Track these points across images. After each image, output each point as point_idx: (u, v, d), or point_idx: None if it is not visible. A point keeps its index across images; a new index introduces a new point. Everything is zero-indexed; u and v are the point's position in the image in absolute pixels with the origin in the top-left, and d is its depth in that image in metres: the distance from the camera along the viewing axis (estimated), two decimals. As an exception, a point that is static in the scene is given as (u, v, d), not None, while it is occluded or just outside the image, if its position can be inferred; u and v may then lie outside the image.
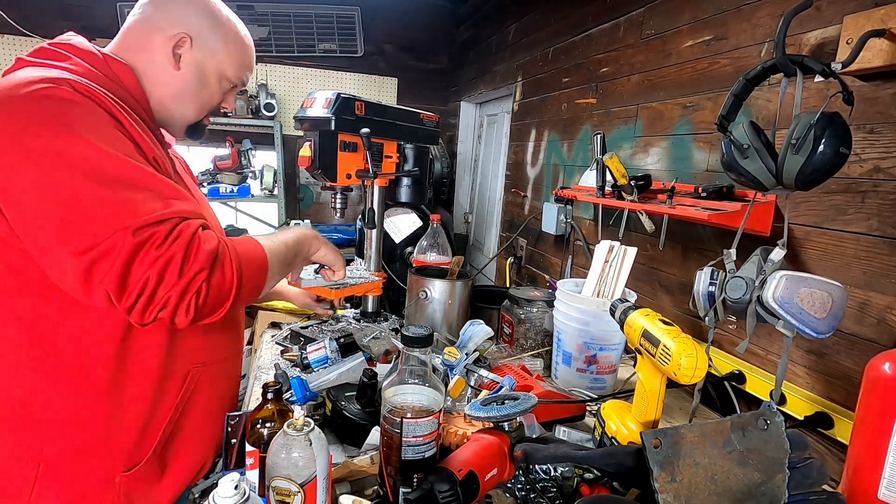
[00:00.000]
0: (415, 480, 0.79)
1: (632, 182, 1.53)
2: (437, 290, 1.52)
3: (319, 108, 1.28)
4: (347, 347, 1.32)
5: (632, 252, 1.36)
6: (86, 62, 0.85)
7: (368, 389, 1.03)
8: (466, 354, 1.21)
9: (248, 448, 0.85)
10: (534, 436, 0.99)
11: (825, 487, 0.84)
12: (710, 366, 1.02)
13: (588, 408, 1.19)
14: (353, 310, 1.64)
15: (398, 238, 2.85)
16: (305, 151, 1.29)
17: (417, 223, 2.88)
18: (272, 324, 1.67)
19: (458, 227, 3.88)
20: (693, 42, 1.53)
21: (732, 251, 1.06)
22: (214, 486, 0.66)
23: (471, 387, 1.18)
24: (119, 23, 3.33)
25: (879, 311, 1.00)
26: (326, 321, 1.52)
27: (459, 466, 0.76)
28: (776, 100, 1.21)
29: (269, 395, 0.87)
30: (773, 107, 1.24)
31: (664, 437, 0.77)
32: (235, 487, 0.65)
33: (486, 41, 3.41)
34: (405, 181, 1.53)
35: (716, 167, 1.42)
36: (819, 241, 1.13)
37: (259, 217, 4.02)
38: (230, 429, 0.90)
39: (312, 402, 1.12)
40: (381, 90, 4.07)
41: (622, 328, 0.97)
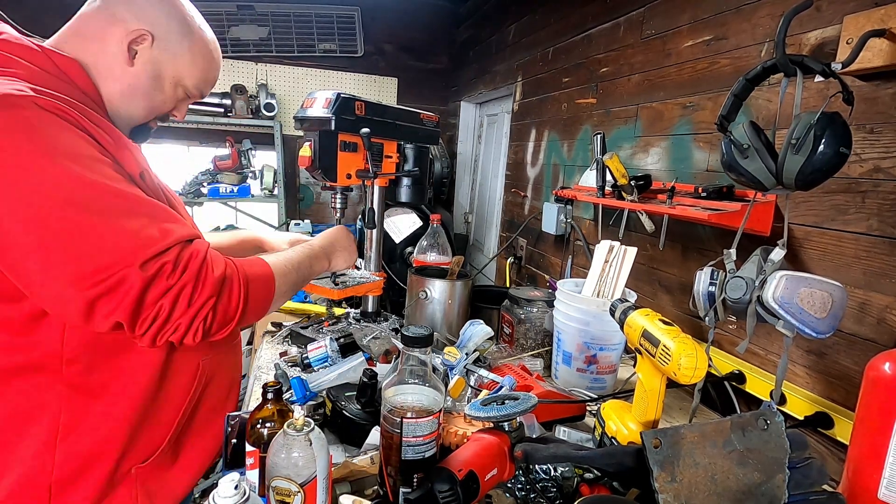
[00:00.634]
0: (415, 480, 0.79)
1: (632, 182, 1.53)
2: (437, 290, 1.52)
3: (319, 108, 1.28)
4: (347, 347, 1.32)
5: (632, 252, 1.36)
6: (29, 62, 0.79)
7: (368, 389, 1.03)
8: (466, 354, 1.21)
9: (248, 448, 0.85)
10: (534, 436, 0.99)
11: (825, 487, 0.84)
12: (710, 366, 1.02)
13: (588, 408, 1.19)
14: (353, 310, 1.64)
15: (398, 238, 2.85)
16: (305, 151, 1.29)
17: (417, 223, 2.88)
18: (272, 324, 1.67)
19: (458, 227, 3.88)
20: (693, 42, 1.53)
21: (732, 251, 1.06)
22: (214, 486, 0.66)
23: (471, 387, 1.18)
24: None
25: (879, 311, 1.00)
26: (326, 320, 1.52)
27: (459, 466, 0.76)
28: (776, 100, 1.21)
29: (269, 395, 0.87)
30: (773, 107, 1.24)
31: (664, 437, 0.77)
32: (235, 487, 0.65)
33: (486, 41, 3.41)
34: (405, 181, 1.53)
35: (716, 167, 1.42)
36: (819, 241, 1.13)
37: (259, 217, 4.02)
38: (230, 429, 0.91)
39: (312, 402, 1.12)
40: (381, 90, 4.07)
41: (622, 328, 0.97)
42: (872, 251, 1.02)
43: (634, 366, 0.96)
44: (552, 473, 0.94)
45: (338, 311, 1.69)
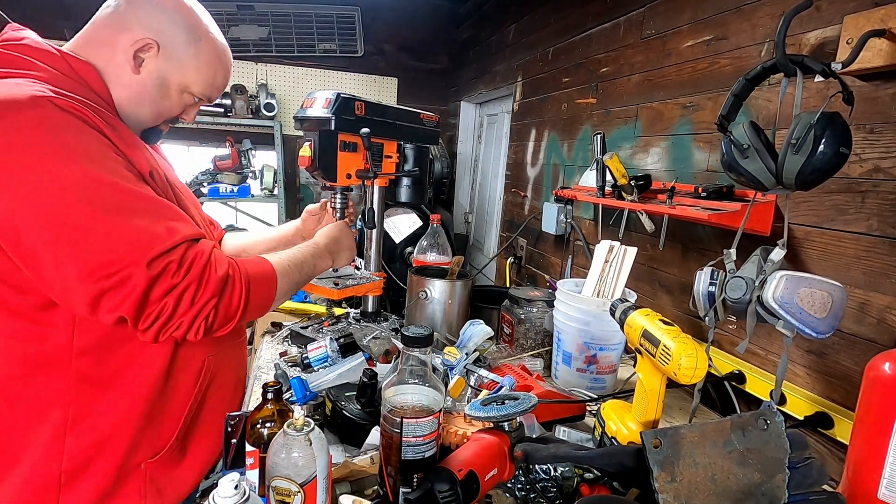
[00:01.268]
0: (415, 480, 0.79)
1: (632, 182, 1.53)
2: (437, 290, 1.52)
3: (319, 108, 1.28)
4: (347, 347, 1.32)
5: (632, 252, 1.36)
6: (49, 65, 0.82)
7: (368, 389, 1.03)
8: (466, 354, 1.21)
9: (248, 448, 0.85)
10: (534, 436, 0.99)
11: (825, 487, 0.84)
12: (710, 366, 1.02)
13: (588, 408, 1.19)
14: (353, 310, 1.64)
15: (398, 238, 2.85)
16: (305, 151, 1.29)
17: (417, 223, 2.88)
18: (272, 324, 1.67)
19: (458, 227, 3.88)
20: (693, 42, 1.53)
21: (732, 251, 1.06)
22: (214, 486, 0.66)
23: (471, 387, 1.18)
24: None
25: (879, 311, 1.00)
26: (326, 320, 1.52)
27: (459, 466, 0.76)
28: (776, 100, 1.21)
29: (269, 395, 0.87)
30: (773, 107, 1.24)
31: (664, 437, 0.77)
32: (235, 487, 0.65)
33: (486, 41, 3.41)
34: (405, 181, 1.53)
35: (716, 167, 1.42)
36: (819, 241, 1.13)
37: (259, 217, 4.02)
38: (230, 429, 0.91)
39: (312, 402, 1.12)
40: (381, 90, 4.07)
41: (622, 328, 0.97)
42: (872, 251, 1.02)
43: (634, 366, 0.97)
44: (552, 473, 0.94)
45: (338, 311, 1.69)
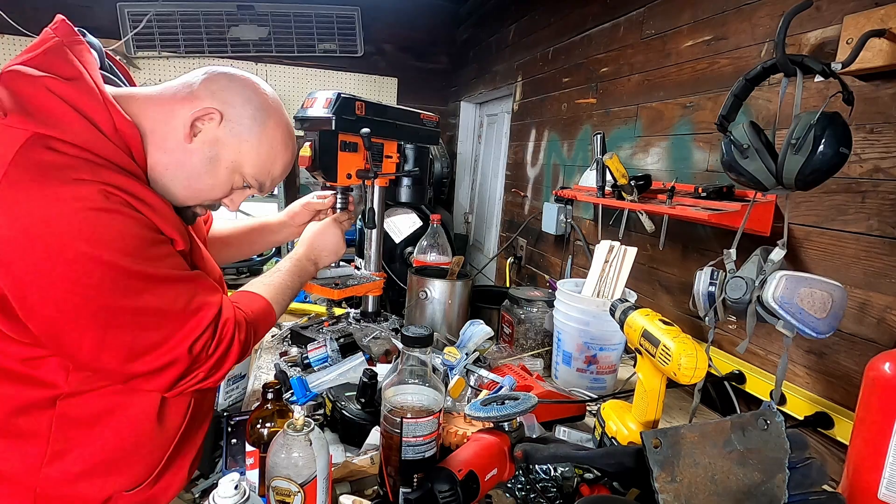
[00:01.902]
0: (415, 480, 0.79)
1: (632, 182, 1.53)
2: (437, 290, 1.52)
3: (320, 108, 1.28)
4: (347, 347, 1.32)
5: (632, 252, 1.36)
6: (90, 117, 0.73)
7: (368, 389, 1.03)
8: (466, 354, 1.21)
9: (248, 448, 0.85)
10: (534, 436, 0.99)
11: (825, 487, 0.84)
12: (710, 366, 1.02)
13: (588, 408, 1.19)
14: (353, 310, 1.64)
15: (398, 238, 2.84)
16: (305, 151, 1.29)
17: (417, 223, 2.88)
18: (272, 324, 1.67)
19: (458, 227, 3.88)
20: (693, 42, 1.53)
21: (732, 251, 1.06)
22: (214, 486, 0.66)
23: (471, 387, 1.18)
24: (119, 23, 3.34)
25: (879, 311, 1.00)
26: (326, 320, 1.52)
27: (459, 466, 0.76)
28: (776, 100, 1.21)
29: (269, 395, 0.87)
30: (773, 107, 1.24)
31: (664, 437, 0.77)
32: (235, 487, 0.66)
33: (486, 41, 3.41)
34: (405, 181, 1.53)
35: (716, 167, 1.42)
36: (819, 241, 1.13)
37: (259, 217, 4.02)
38: (230, 429, 0.91)
39: (312, 402, 1.12)
40: (381, 90, 4.07)
41: (622, 328, 0.97)
42: (872, 251, 1.02)
43: (634, 366, 0.96)
44: (552, 473, 0.94)
45: (338, 311, 1.69)
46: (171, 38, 3.46)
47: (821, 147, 0.87)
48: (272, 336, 1.57)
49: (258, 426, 0.85)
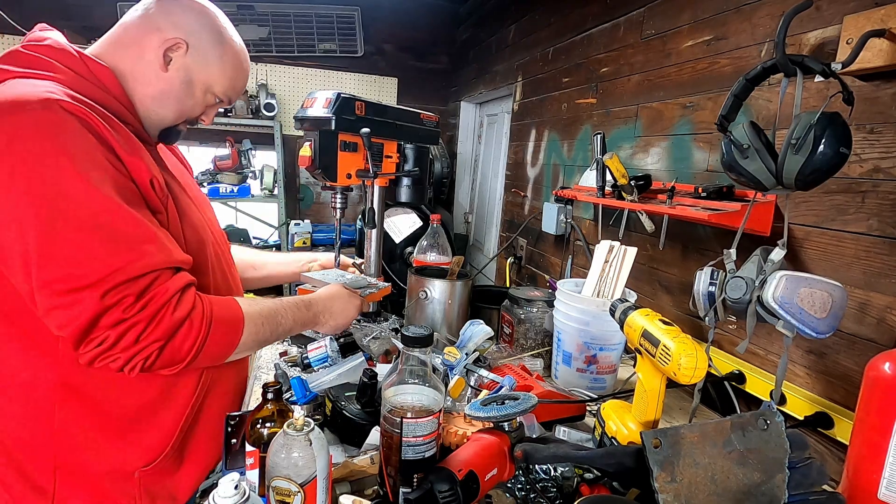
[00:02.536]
0: (415, 480, 0.79)
1: (632, 182, 1.53)
2: (437, 290, 1.52)
3: (320, 108, 1.28)
4: (347, 347, 1.32)
5: (632, 252, 1.36)
6: (68, 67, 0.84)
7: (368, 389, 1.03)
8: (466, 354, 1.21)
9: (248, 448, 0.85)
10: (534, 436, 0.99)
11: (825, 487, 0.84)
12: (710, 366, 1.02)
13: (588, 408, 1.19)
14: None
15: (398, 238, 2.84)
16: (305, 151, 1.29)
17: (417, 223, 2.88)
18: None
19: (458, 227, 3.88)
20: (693, 42, 1.53)
21: (732, 251, 1.06)
22: (214, 486, 0.66)
23: (471, 387, 1.18)
24: (119, 23, 3.34)
25: (879, 311, 1.00)
26: None
27: (459, 466, 0.76)
28: (776, 100, 1.21)
29: (269, 395, 0.87)
30: (773, 107, 1.24)
31: (664, 437, 0.77)
32: (235, 487, 0.65)
33: (486, 41, 3.41)
34: (405, 181, 1.53)
35: (716, 167, 1.42)
36: (819, 241, 1.13)
37: (259, 217, 4.02)
38: (230, 429, 0.91)
39: (312, 402, 1.12)
40: (381, 90, 4.07)
41: (622, 328, 0.97)
42: (872, 251, 1.02)
43: (634, 366, 0.96)
44: (552, 473, 0.94)
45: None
46: (171, 38, 3.46)
47: (821, 147, 0.87)
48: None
49: (258, 426, 0.85)
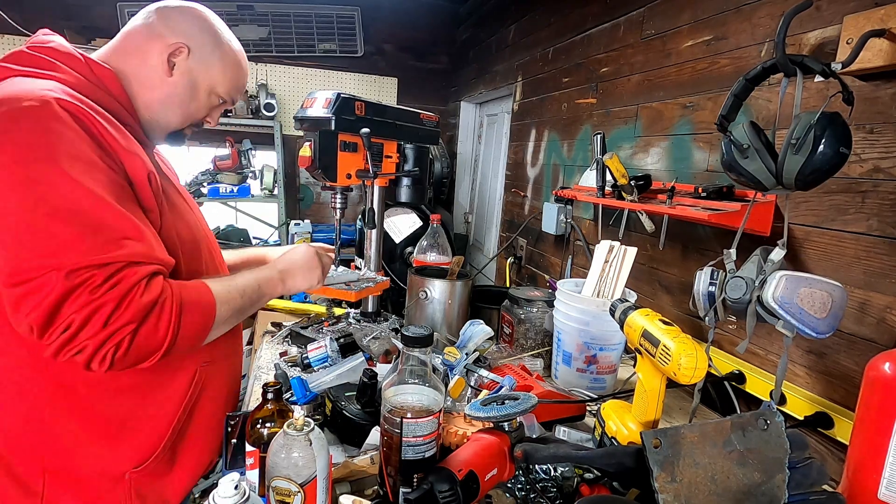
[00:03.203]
0: (415, 480, 0.79)
1: (632, 182, 1.53)
2: (437, 290, 1.52)
3: (319, 108, 1.28)
4: (347, 347, 1.32)
5: (632, 252, 1.36)
6: (71, 68, 0.85)
7: (368, 389, 1.03)
8: (466, 354, 1.21)
9: (248, 448, 0.85)
10: (534, 436, 0.99)
11: (825, 487, 0.84)
12: (710, 366, 1.02)
13: (588, 408, 1.19)
14: (353, 310, 1.64)
15: (398, 238, 2.85)
16: (305, 151, 1.29)
17: (417, 223, 2.88)
18: (272, 324, 1.67)
19: (458, 227, 3.88)
20: (693, 42, 1.53)
21: (732, 251, 1.06)
22: (214, 486, 0.66)
23: (471, 387, 1.18)
24: (119, 23, 3.34)
25: (879, 311, 1.00)
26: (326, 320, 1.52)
27: (459, 466, 0.76)
28: (776, 100, 1.21)
29: (269, 395, 0.87)
30: (773, 107, 1.24)
31: (664, 437, 0.77)
32: (235, 487, 0.65)
33: (486, 41, 3.41)
34: (405, 181, 1.53)
35: (716, 167, 1.42)
36: (819, 241, 1.13)
37: (259, 217, 4.02)
38: (230, 429, 0.91)
39: (312, 402, 1.12)
40: (381, 90, 4.07)
41: (622, 328, 0.97)
42: (872, 251, 1.02)
43: (634, 366, 0.96)
44: (552, 473, 0.94)
45: (338, 311, 1.69)
46: (171, 38, 3.46)
47: (821, 147, 0.87)
48: (272, 336, 1.57)
49: (258, 426, 0.85)
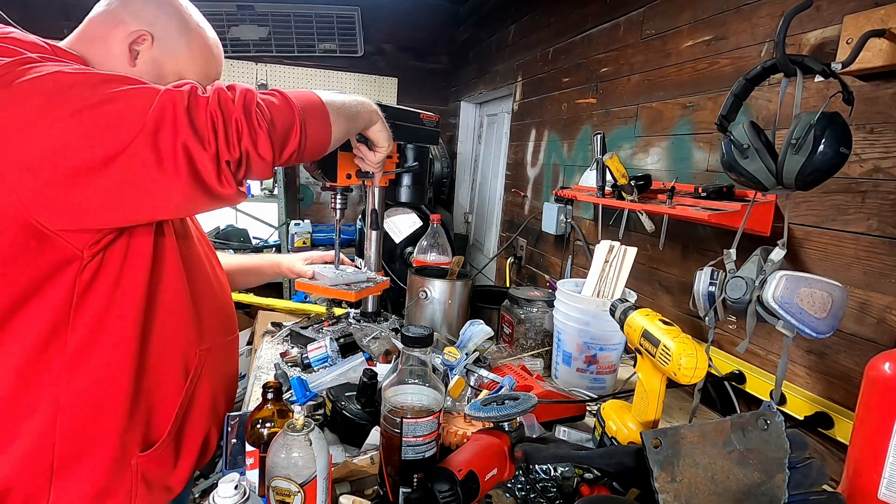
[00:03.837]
0: (415, 480, 0.79)
1: (632, 182, 1.53)
2: (437, 290, 1.52)
3: (319, 108, 1.28)
4: (347, 347, 1.32)
5: (632, 252, 1.36)
6: (38, 54, 0.81)
7: (368, 389, 1.03)
8: (466, 354, 1.21)
9: (248, 448, 0.85)
10: (534, 436, 0.99)
11: (825, 487, 0.84)
12: (710, 366, 1.02)
13: (588, 408, 1.19)
14: (353, 310, 1.64)
15: (398, 238, 2.85)
16: (305, 151, 1.29)
17: (417, 223, 2.88)
18: (272, 324, 1.67)
19: (458, 227, 3.88)
20: (693, 42, 1.53)
21: (732, 251, 1.06)
22: (214, 486, 0.66)
23: (471, 387, 1.18)
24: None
25: (879, 311, 1.00)
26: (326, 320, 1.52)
27: (459, 466, 0.76)
28: (776, 100, 1.21)
29: (269, 395, 0.87)
30: (773, 107, 1.24)
31: (664, 437, 0.77)
32: (235, 487, 0.66)
33: (486, 41, 3.41)
34: (405, 181, 1.53)
35: (716, 167, 1.42)
36: (819, 241, 1.13)
37: (259, 217, 4.02)
38: (230, 429, 0.91)
39: (312, 402, 1.12)
40: (381, 90, 4.07)
41: (622, 328, 0.97)
42: (872, 251, 1.02)
43: (634, 366, 0.97)
44: (552, 473, 0.94)
45: (338, 311, 1.69)
46: (171, 38, 3.46)
47: (821, 147, 0.87)
48: (272, 336, 1.57)
49: (258, 426, 0.85)
